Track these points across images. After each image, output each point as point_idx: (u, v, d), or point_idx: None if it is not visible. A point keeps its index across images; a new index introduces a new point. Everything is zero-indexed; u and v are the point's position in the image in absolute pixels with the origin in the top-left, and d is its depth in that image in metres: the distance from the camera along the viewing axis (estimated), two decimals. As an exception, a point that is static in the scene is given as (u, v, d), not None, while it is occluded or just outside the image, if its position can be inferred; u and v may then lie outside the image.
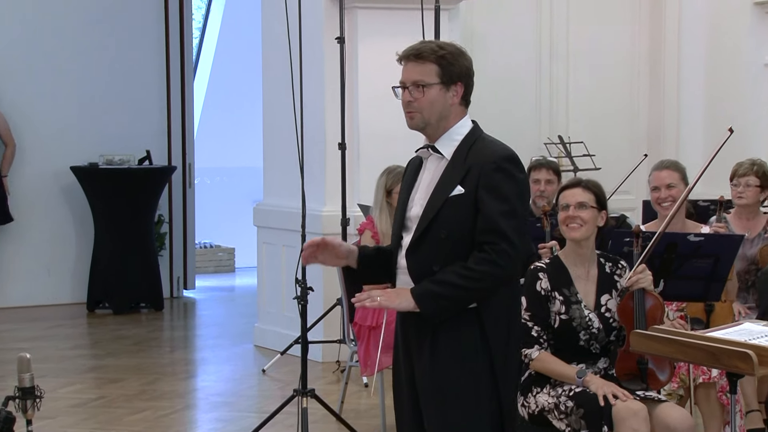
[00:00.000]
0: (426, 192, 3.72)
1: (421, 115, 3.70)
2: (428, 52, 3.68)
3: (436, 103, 3.69)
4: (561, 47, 9.49)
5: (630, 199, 8.57)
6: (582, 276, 4.59)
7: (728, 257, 5.03)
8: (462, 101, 3.74)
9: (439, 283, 3.60)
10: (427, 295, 3.60)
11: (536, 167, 6.34)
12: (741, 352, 3.39)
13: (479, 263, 3.58)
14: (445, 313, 3.62)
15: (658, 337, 3.64)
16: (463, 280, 3.58)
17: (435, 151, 3.74)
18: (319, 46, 7.84)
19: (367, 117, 7.78)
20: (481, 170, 3.62)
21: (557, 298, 4.52)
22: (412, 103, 3.69)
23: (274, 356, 7.86)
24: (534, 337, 4.49)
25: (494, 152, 3.67)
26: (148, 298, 10.29)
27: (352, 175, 7.76)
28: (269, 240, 8.55)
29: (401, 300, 3.63)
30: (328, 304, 7.58)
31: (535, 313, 4.50)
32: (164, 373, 7.76)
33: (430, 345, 3.68)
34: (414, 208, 3.74)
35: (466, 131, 3.74)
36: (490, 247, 3.58)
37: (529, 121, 9.40)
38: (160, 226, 10.78)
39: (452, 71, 3.69)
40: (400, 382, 3.85)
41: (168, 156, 10.85)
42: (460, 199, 3.63)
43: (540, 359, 4.49)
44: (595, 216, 4.56)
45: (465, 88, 3.73)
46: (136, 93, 10.69)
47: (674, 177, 5.51)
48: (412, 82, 3.69)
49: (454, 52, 3.72)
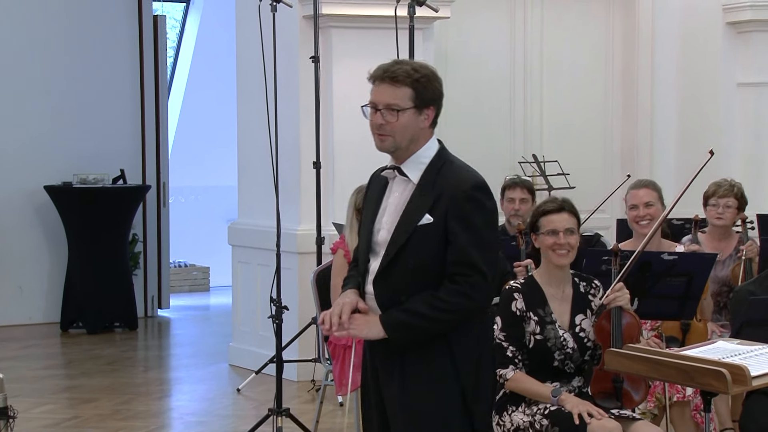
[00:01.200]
0: (393, 216, 3.67)
1: (393, 139, 3.65)
2: (403, 76, 3.62)
3: (409, 128, 3.64)
4: (535, 66, 9.53)
5: (604, 218, 8.60)
6: (557, 296, 4.59)
7: (702, 276, 5.05)
8: (431, 124, 3.71)
9: (408, 312, 3.58)
10: (396, 325, 3.58)
11: (510, 186, 6.34)
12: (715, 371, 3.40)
13: (451, 294, 3.56)
14: (414, 343, 3.61)
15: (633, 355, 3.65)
16: (434, 311, 3.56)
17: (401, 174, 3.70)
18: (293, 65, 7.85)
19: (341, 136, 7.78)
20: (451, 200, 3.58)
21: (532, 318, 4.52)
22: (384, 126, 3.64)
23: (248, 375, 7.83)
24: (509, 357, 4.49)
25: (464, 180, 3.62)
26: (122, 317, 10.23)
27: (327, 194, 7.76)
28: (244, 259, 8.53)
29: (370, 329, 3.61)
30: (303, 323, 7.56)
31: (510, 334, 4.49)
32: (138, 393, 7.71)
33: (400, 369, 3.66)
34: (381, 232, 3.70)
35: (433, 153, 3.69)
36: (462, 279, 3.56)
37: (503, 140, 9.43)
38: (134, 245, 10.73)
39: (425, 95, 3.65)
40: (369, 405, 3.83)
41: (142, 175, 10.82)
42: (429, 229, 3.59)
43: (515, 379, 4.49)
44: (578, 240, 4.58)
45: (436, 110, 3.70)
46: (110, 112, 10.66)
47: (652, 196, 5.55)
48: (386, 105, 3.63)
49: (428, 75, 3.67)
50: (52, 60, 10.38)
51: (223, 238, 8.80)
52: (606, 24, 9.76)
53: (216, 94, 12.40)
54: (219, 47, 12.30)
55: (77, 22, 10.49)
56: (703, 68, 9.38)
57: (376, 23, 7.70)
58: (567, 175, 8.99)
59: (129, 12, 10.74)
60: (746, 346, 3.74)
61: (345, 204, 6.19)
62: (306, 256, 7.71)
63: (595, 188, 9.17)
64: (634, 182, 5.78)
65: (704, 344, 3.85)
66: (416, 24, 6.60)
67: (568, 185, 8.84)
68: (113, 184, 10.31)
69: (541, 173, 9.00)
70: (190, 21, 13.42)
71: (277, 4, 6.41)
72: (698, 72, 9.41)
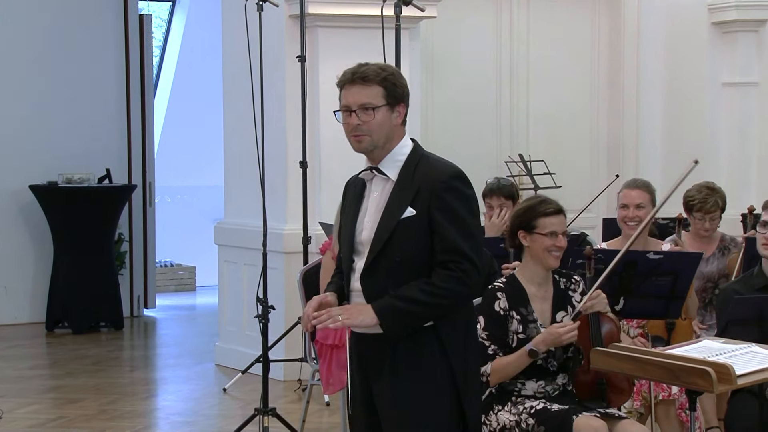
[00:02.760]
0: (375, 215, 3.71)
1: (370, 138, 3.69)
2: (373, 75, 3.68)
3: (384, 125, 3.69)
4: (521, 66, 9.55)
5: (590, 217, 8.62)
6: (538, 294, 4.58)
7: (687, 275, 5.07)
8: (403, 121, 3.76)
9: (402, 298, 3.59)
10: (390, 311, 3.59)
11: (487, 194, 6.31)
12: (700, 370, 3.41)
13: (444, 280, 3.59)
14: (407, 330, 3.62)
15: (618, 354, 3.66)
16: (428, 297, 3.58)
17: (379, 173, 3.74)
18: (280, 64, 7.84)
19: (328, 135, 7.78)
20: (431, 191, 3.63)
21: (515, 318, 4.52)
22: (361, 126, 3.68)
23: (235, 375, 7.83)
24: (490, 355, 4.47)
25: (442, 171, 3.67)
26: (108, 317, 10.21)
27: (314, 194, 7.76)
28: (230, 258, 8.52)
29: (363, 317, 3.62)
30: (290, 323, 7.56)
31: (493, 333, 4.49)
32: (124, 393, 7.70)
33: (390, 365, 3.67)
34: (364, 231, 3.72)
35: (408, 150, 3.74)
36: (454, 265, 3.59)
37: (489, 140, 9.44)
38: (120, 244, 10.71)
39: (396, 92, 3.71)
40: (355, 403, 3.83)
41: (128, 174, 10.80)
42: (412, 221, 3.63)
43: (494, 369, 4.45)
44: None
45: (406, 108, 3.75)
46: (96, 111, 10.64)
47: (644, 198, 5.55)
48: (360, 105, 3.67)
49: (395, 73, 3.74)
50: (36, 59, 10.35)
51: (210, 238, 8.79)
52: (592, 24, 9.78)
53: (202, 94, 12.39)
54: (205, 46, 12.30)
55: (62, 21, 10.46)
56: (689, 68, 9.41)
57: (362, 23, 7.70)
58: (553, 174, 9.01)
59: (115, 11, 10.72)
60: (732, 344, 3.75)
61: (332, 203, 6.20)
62: (292, 256, 7.71)
63: (581, 188, 9.19)
64: (630, 181, 5.77)
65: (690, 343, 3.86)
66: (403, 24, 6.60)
67: (554, 185, 8.86)
68: (99, 184, 10.29)
69: (527, 173, 9.01)
70: (176, 20, 13.40)
71: (264, 4, 6.41)
72: (684, 72, 9.44)
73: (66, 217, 10.02)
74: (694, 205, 5.99)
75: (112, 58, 10.71)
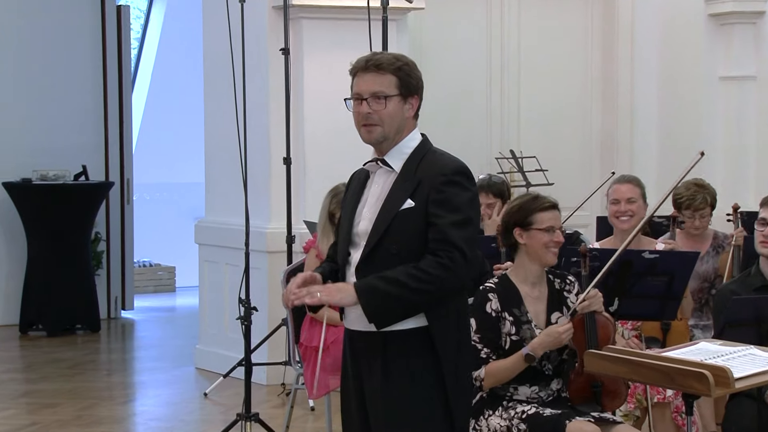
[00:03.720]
0: (375, 206, 3.72)
1: (381, 129, 3.70)
2: (387, 64, 3.70)
3: (396, 116, 3.70)
4: (512, 60, 9.56)
5: (584, 215, 8.62)
6: (532, 294, 4.60)
7: (683, 275, 5.08)
8: (415, 114, 3.77)
9: (386, 280, 3.58)
10: (372, 292, 3.59)
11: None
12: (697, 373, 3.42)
13: (431, 266, 3.58)
14: (387, 314, 3.61)
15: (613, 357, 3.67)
16: (413, 281, 3.57)
17: (384, 164, 3.75)
18: (263, 57, 7.83)
19: (313, 130, 7.77)
20: (431, 184, 3.64)
21: (507, 319, 4.53)
22: (372, 115, 3.69)
23: (216, 379, 7.82)
24: (483, 359, 4.49)
25: (445, 165, 3.69)
26: (84, 319, 10.19)
27: (298, 191, 7.75)
28: (211, 258, 8.51)
29: (343, 295, 3.61)
30: (273, 325, 7.55)
31: (485, 335, 4.50)
32: (101, 398, 7.69)
33: (382, 366, 3.68)
34: (362, 223, 3.74)
35: (416, 144, 3.76)
36: (443, 253, 3.59)
37: (480, 135, 9.44)
38: (96, 244, 10.69)
39: (410, 83, 3.72)
40: (349, 407, 3.84)
41: (105, 171, 10.77)
42: (410, 213, 3.64)
43: (488, 373, 4.46)
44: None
45: (419, 100, 3.77)
46: (72, 105, 10.60)
47: (635, 192, 5.62)
48: (372, 93, 3.68)
49: (410, 64, 3.76)
50: (9, 51, 10.31)
51: (190, 237, 8.77)
52: (585, 15, 9.79)
53: (182, 87, 12.36)
54: (185, 38, 12.26)
55: (37, 12, 10.42)
56: (685, 61, 9.42)
57: (348, 14, 7.70)
58: (545, 171, 9.02)
59: (91, 2, 10.68)
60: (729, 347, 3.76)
61: (316, 201, 6.18)
62: (276, 255, 7.70)
63: (573, 185, 9.20)
64: (618, 177, 5.87)
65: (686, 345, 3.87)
66: (390, 15, 6.61)
67: (546, 182, 8.87)
68: (75, 181, 10.26)
69: (518, 169, 9.02)
70: (155, 11, 13.37)
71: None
72: (680, 65, 9.46)
73: (40, 215, 9.99)
74: (682, 202, 6.02)
75: (88, 50, 10.68)
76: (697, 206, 6.02)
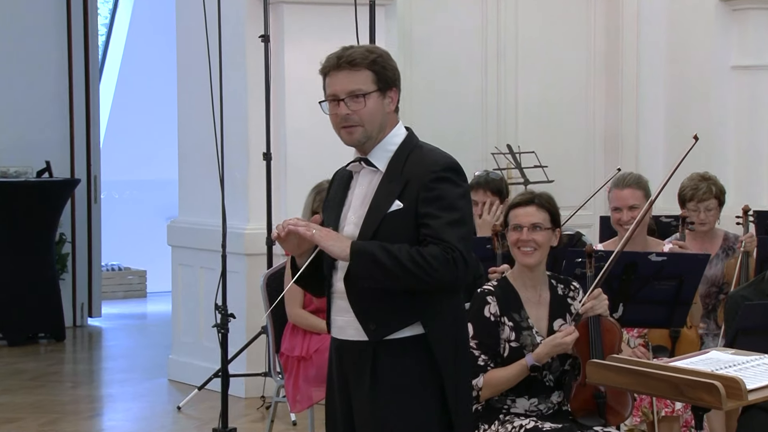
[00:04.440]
0: (360, 209, 3.71)
1: (363, 129, 3.69)
2: (361, 58, 3.67)
3: (376, 114, 3.69)
4: (509, 47, 9.56)
5: (586, 215, 8.65)
6: (533, 299, 4.62)
7: (693, 279, 5.09)
8: (395, 108, 3.76)
9: (385, 250, 3.57)
10: (366, 256, 3.58)
11: (473, 188, 6.31)
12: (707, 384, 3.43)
13: (435, 257, 3.57)
14: (371, 282, 3.60)
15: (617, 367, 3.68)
16: (411, 263, 3.56)
17: (368, 164, 3.74)
18: (241, 45, 7.83)
19: (295, 123, 7.78)
20: (420, 182, 3.63)
21: (507, 324, 4.54)
22: (352, 116, 3.67)
23: (190, 392, 7.82)
24: (481, 366, 4.50)
25: (434, 162, 3.68)
26: (48, 327, 10.18)
27: (279, 189, 7.76)
28: (185, 261, 8.51)
29: (336, 243, 3.60)
30: (252, 333, 7.56)
31: (483, 341, 4.52)
32: (66, 412, 7.68)
33: (371, 374, 3.67)
34: (348, 227, 3.73)
35: (401, 140, 3.75)
36: (445, 248, 3.58)
37: (474, 130, 9.45)
38: (61, 246, 10.68)
39: (387, 76, 3.71)
40: (334, 420, 3.83)
41: (71, 167, 10.75)
42: (399, 215, 3.64)
43: (486, 383, 4.48)
44: (549, 237, 4.59)
45: (398, 92, 3.76)
46: (35, 96, 10.58)
47: (637, 196, 5.51)
48: (349, 92, 3.66)
49: (384, 54, 3.74)
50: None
51: (162, 238, 8.77)
52: (587, 1, 9.80)
53: (153, 77, 12.36)
54: (157, 23, 12.25)
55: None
56: (694, 49, 9.44)
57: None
58: (545, 167, 9.03)
59: (55, -16, 10.69)
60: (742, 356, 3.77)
61: (299, 199, 6.19)
62: (255, 258, 7.71)
63: (575, 182, 9.22)
64: (618, 178, 5.71)
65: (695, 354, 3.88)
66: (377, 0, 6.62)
67: (546, 179, 8.88)
68: (37, 178, 10.25)
69: (516, 165, 9.03)
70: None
71: (223, -23, 6.41)
72: (689, 53, 9.48)
73: (0, 214, 9.97)
74: (686, 195, 6.04)
75: (52, 36, 10.65)
76: (701, 197, 6.03)
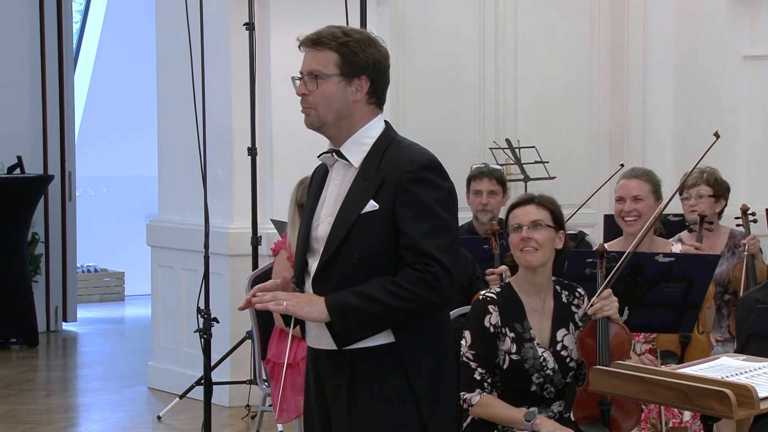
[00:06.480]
0: (333, 207, 3.70)
1: (316, 112, 3.68)
2: (328, 39, 3.67)
3: (334, 99, 3.67)
4: (508, 37, 9.56)
5: (590, 214, 8.66)
6: (537, 308, 4.60)
7: (703, 281, 5.10)
8: (370, 99, 3.74)
9: (360, 296, 3.57)
10: (345, 308, 3.57)
11: (476, 176, 6.33)
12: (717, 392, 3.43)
13: (412, 282, 3.57)
14: (361, 333, 3.60)
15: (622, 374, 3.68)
16: (392, 298, 3.56)
17: (341, 157, 3.72)
18: (224, 33, 7.83)
19: (281, 117, 7.77)
20: (397, 182, 3.61)
21: (508, 335, 4.53)
22: (306, 96, 3.68)
23: (171, 400, 7.81)
24: (477, 380, 4.50)
25: (412, 160, 3.65)
26: (20, 332, 10.18)
27: (264, 186, 7.75)
28: (166, 262, 8.51)
29: (312, 309, 3.59)
30: (236, 339, 7.55)
31: (480, 353, 4.51)
32: (39, 422, 7.68)
33: (348, 386, 3.67)
34: (321, 226, 3.72)
35: (377, 134, 3.73)
36: (422, 267, 3.57)
37: (471, 123, 9.45)
38: (34, 246, 10.67)
39: (355, 62, 3.68)
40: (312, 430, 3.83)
41: (44, 163, 10.75)
42: (374, 217, 3.61)
43: (481, 404, 4.49)
44: (552, 237, 4.58)
45: (372, 83, 3.72)
46: (5, 89, 10.58)
47: (643, 189, 5.54)
48: (308, 71, 3.68)
49: (360, 40, 3.70)
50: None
51: (141, 238, 8.77)
52: (591, -13, 9.82)
53: (131, 67, 12.35)
54: (135, 12, 12.25)
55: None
56: (704, 38, 9.45)
57: (321, -16, 7.71)
58: (546, 163, 9.04)
59: (27, -30, 10.69)
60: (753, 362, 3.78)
61: (285, 197, 6.19)
62: (239, 259, 7.70)
63: (578, 179, 9.23)
64: (627, 170, 5.77)
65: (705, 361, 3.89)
66: (369, -14, 6.63)
67: (547, 175, 8.89)
68: (8, 174, 10.24)
69: (516, 161, 9.04)
70: (100, -19, 13.36)
71: (205, -38, 6.40)
72: (698, 43, 9.49)
73: (-30, 213, 9.98)
74: (680, 187, 6.06)
75: (24, 26, 10.65)
76: (693, 182, 6.07)
